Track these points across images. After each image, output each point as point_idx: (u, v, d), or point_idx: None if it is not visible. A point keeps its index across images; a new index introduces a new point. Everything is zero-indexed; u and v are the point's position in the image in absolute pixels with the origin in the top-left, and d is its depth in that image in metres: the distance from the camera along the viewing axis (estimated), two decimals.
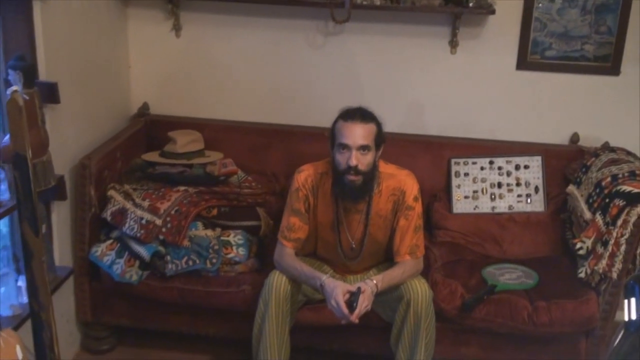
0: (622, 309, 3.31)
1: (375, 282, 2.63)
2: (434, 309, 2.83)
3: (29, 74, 2.44)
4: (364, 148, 2.63)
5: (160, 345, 3.28)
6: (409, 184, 2.80)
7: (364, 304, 2.54)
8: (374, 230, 2.82)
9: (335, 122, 2.70)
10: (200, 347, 3.27)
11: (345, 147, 2.64)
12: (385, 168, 2.82)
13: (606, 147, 3.28)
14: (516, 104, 3.52)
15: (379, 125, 2.70)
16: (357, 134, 2.62)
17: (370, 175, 2.70)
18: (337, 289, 2.58)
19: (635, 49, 3.35)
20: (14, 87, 1.48)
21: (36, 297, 1.52)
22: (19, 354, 1.46)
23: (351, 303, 2.54)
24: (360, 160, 2.63)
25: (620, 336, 1.52)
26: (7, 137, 1.69)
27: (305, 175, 2.82)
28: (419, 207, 2.81)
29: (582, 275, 2.89)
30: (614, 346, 1.53)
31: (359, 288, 2.58)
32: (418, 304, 2.66)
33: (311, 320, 2.92)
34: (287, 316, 2.72)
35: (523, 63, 3.44)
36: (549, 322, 2.81)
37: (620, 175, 2.88)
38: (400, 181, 2.80)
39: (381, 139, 2.71)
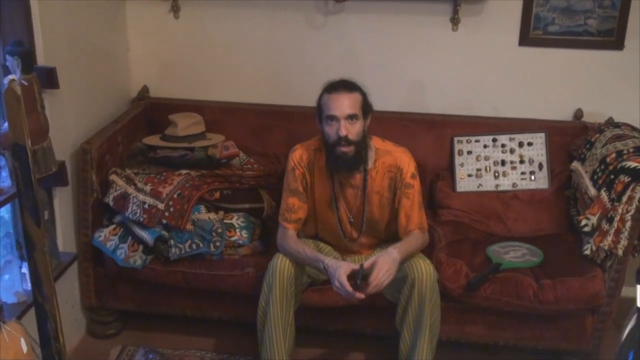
0: (631, 290, 3.34)
1: (396, 250, 2.63)
2: (439, 289, 2.83)
3: (27, 59, 2.42)
4: (351, 117, 2.64)
5: (166, 329, 3.29)
6: (405, 161, 2.81)
7: (384, 275, 2.54)
8: (370, 207, 2.82)
9: (321, 96, 2.72)
10: (205, 330, 3.28)
11: (333, 118, 2.65)
12: (381, 145, 2.82)
13: (610, 123, 3.26)
14: (519, 80, 3.49)
15: (363, 94, 2.72)
16: (344, 104, 2.64)
17: (362, 145, 2.71)
18: (340, 269, 2.58)
19: (639, 24, 3.30)
20: (11, 76, 1.46)
21: (39, 289, 1.51)
22: (24, 347, 1.46)
23: (355, 281, 2.54)
24: (350, 130, 2.64)
25: (633, 321, 1.51)
26: (7, 124, 1.67)
27: (299, 153, 2.82)
28: (417, 184, 2.82)
29: (588, 252, 2.87)
30: (628, 331, 1.51)
31: (361, 265, 2.59)
32: (423, 284, 2.65)
33: (316, 302, 2.93)
34: (291, 298, 2.72)
35: (525, 39, 3.40)
36: (555, 300, 2.81)
37: (625, 151, 2.86)
38: (396, 158, 2.81)
39: (368, 107, 2.73)
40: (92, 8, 3.20)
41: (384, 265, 2.56)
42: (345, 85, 2.69)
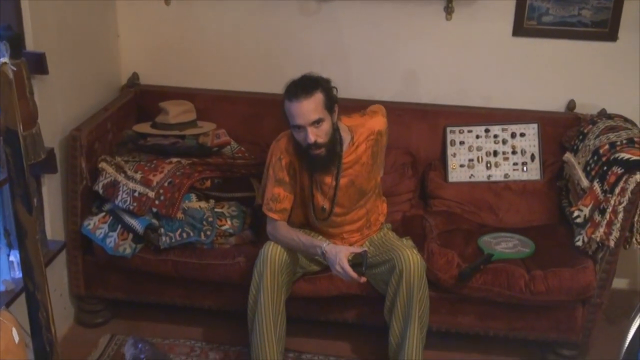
0: (622, 282, 3.35)
1: None
2: (431, 279, 2.84)
3: (16, 44, 2.36)
4: (317, 122, 2.58)
5: (155, 318, 3.27)
6: (379, 122, 2.83)
7: None
8: (358, 181, 2.79)
9: (283, 101, 2.62)
10: (196, 319, 3.26)
11: (298, 126, 2.59)
12: (350, 122, 2.80)
13: (603, 114, 3.26)
14: (512, 70, 3.47)
15: (325, 89, 2.61)
16: (305, 111, 2.56)
17: (333, 141, 2.67)
18: (340, 253, 2.56)
19: (633, 15, 3.30)
20: (3, 59, 1.43)
21: (31, 277, 1.49)
22: (16, 337, 1.43)
23: (355, 265, 2.53)
24: (318, 134, 2.59)
25: None
26: None
27: (285, 142, 2.78)
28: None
29: (579, 243, 2.88)
30: (636, 329, 1.52)
31: (365, 251, 2.58)
32: (410, 275, 2.65)
33: (307, 292, 2.92)
34: (282, 287, 2.71)
35: (519, 29, 3.38)
36: (546, 291, 2.81)
37: (619, 143, 2.86)
38: (371, 126, 2.80)
39: (332, 101, 2.63)
40: None
41: None
42: (303, 89, 2.57)
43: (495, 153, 3.40)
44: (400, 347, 2.73)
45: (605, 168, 2.80)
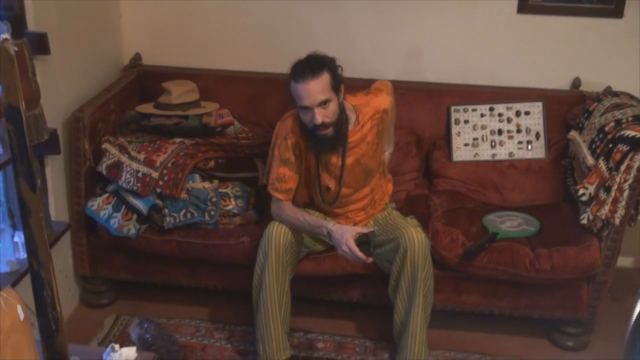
0: (627, 260, 3.34)
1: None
2: (435, 258, 2.84)
3: (17, 23, 2.37)
4: (323, 102, 2.55)
5: (160, 299, 3.28)
6: (384, 100, 2.81)
7: None
8: (364, 160, 2.77)
9: (289, 82, 2.59)
10: (200, 299, 3.27)
11: (305, 107, 2.57)
12: (355, 100, 2.78)
13: (609, 92, 3.23)
14: (517, 48, 3.45)
15: (331, 69, 2.58)
16: (312, 91, 2.52)
17: (340, 121, 2.64)
18: (346, 234, 2.56)
19: None
20: (4, 35, 1.42)
21: (35, 255, 1.48)
22: (21, 314, 1.43)
23: (361, 244, 2.53)
24: (325, 114, 2.56)
25: None
26: None
27: (291, 122, 2.76)
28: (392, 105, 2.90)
29: (584, 221, 2.87)
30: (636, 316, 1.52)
31: (373, 232, 2.57)
32: (415, 254, 2.64)
33: (311, 271, 2.92)
34: (287, 267, 2.71)
35: (524, 6, 3.35)
36: (551, 269, 2.81)
37: (624, 120, 2.84)
38: (376, 105, 2.78)
39: (338, 81, 2.60)
40: None
41: None
42: (310, 69, 2.53)
43: (500, 132, 3.38)
44: (404, 325, 2.73)
45: (610, 146, 2.79)
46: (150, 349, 2.61)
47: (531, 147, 3.34)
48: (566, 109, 3.36)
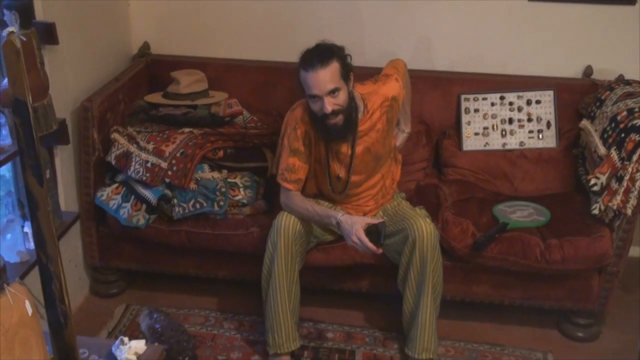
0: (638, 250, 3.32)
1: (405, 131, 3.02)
2: (445, 248, 2.83)
3: (26, 13, 2.36)
4: (333, 91, 2.53)
5: (169, 289, 3.29)
6: (393, 87, 2.78)
7: None
8: (374, 147, 2.76)
9: (299, 71, 2.58)
10: (209, 289, 3.27)
11: (314, 96, 2.55)
12: (363, 89, 2.75)
13: (621, 80, 3.20)
14: (528, 36, 3.41)
15: (340, 58, 2.56)
16: (322, 80, 2.51)
17: (350, 109, 2.63)
18: (356, 224, 2.55)
19: None
20: (10, 28, 1.41)
21: (44, 249, 1.48)
22: (29, 310, 1.43)
23: (370, 234, 2.52)
24: (335, 103, 2.55)
25: None
26: (6, 80, 1.62)
27: (300, 111, 2.74)
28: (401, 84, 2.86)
29: (596, 211, 2.84)
30: None
31: (383, 222, 2.56)
32: (424, 245, 2.63)
33: (320, 261, 2.92)
34: (296, 257, 2.70)
35: None
36: (562, 260, 2.79)
37: (637, 109, 2.81)
38: (384, 92, 2.76)
39: (347, 70, 2.59)
40: None
41: None
42: (319, 58, 2.52)
43: (511, 121, 3.35)
44: (413, 316, 2.72)
45: (623, 135, 2.76)
46: (159, 339, 2.61)
47: (542, 136, 3.32)
48: (578, 97, 3.32)
